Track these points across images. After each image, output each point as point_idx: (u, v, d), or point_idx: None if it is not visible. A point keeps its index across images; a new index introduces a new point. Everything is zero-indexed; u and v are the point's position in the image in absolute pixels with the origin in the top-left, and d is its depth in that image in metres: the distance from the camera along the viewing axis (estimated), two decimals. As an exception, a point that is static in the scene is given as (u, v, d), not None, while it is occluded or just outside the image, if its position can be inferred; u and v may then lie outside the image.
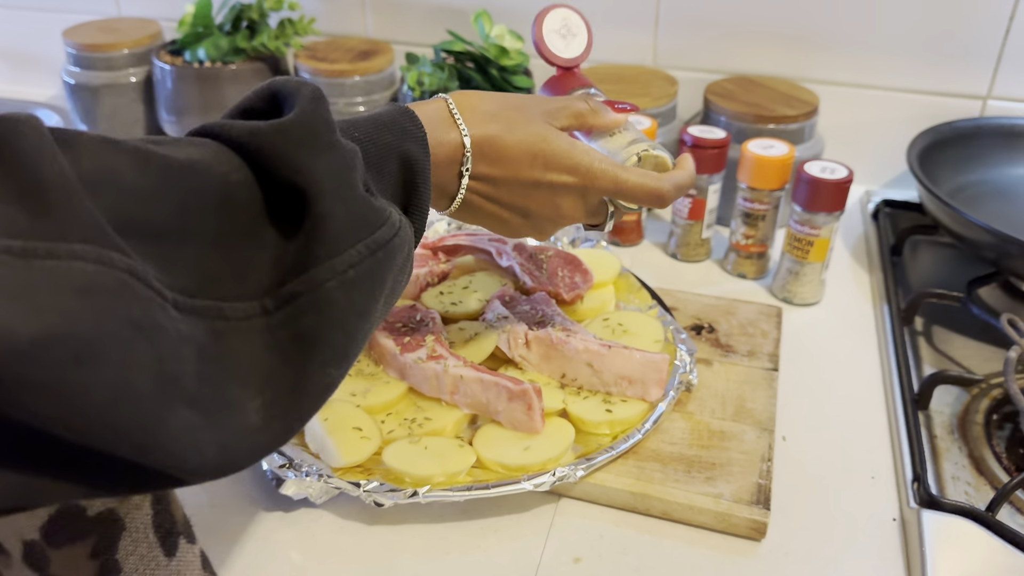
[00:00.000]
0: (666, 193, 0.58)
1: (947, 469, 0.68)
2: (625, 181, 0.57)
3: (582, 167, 0.56)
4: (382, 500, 0.59)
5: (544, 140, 0.55)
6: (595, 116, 0.60)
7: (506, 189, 0.56)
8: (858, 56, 1.01)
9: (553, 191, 0.57)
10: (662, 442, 0.67)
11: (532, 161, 0.55)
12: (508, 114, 0.55)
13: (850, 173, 0.81)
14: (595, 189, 0.57)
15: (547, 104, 0.58)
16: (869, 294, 0.89)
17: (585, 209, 0.59)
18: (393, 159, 0.48)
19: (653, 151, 0.60)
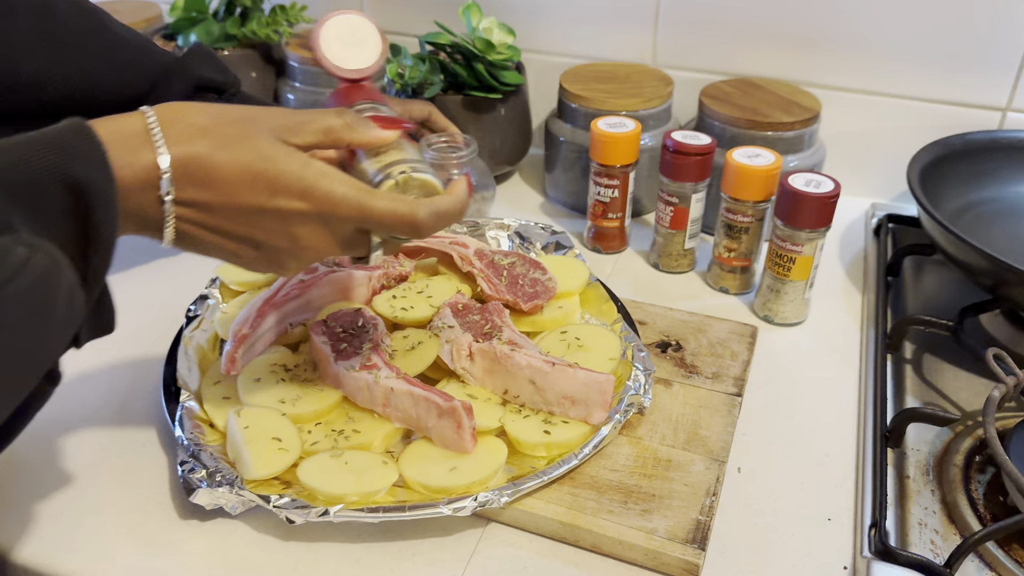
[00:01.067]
0: (421, 222, 0.51)
1: (915, 514, 0.63)
2: (371, 207, 0.50)
3: (316, 191, 0.48)
4: (293, 517, 0.57)
5: (267, 159, 0.48)
6: (351, 132, 0.53)
7: (225, 217, 0.48)
8: (867, 60, 0.95)
9: (284, 219, 0.49)
10: (603, 468, 0.63)
11: (252, 184, 0.47)
12: (224, 128, 0.47)
13: (836, 187, 0.75)
14: (335, 216, 0.50)
15: (284, 118, 0.51)
16: (858, 316, 0.83)
17: (333, 240, 0.52)
18: (55, 185, 0.41)
19: (414, 173, 0.53)
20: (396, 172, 0.53)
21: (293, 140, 0.50)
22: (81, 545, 0.59)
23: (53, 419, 0.69)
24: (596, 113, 0.93)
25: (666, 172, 0.84)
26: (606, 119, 0.87)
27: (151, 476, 0.64)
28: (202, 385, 0.68)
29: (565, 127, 0.96)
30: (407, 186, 0.53)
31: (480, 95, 0.95)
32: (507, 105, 0.98)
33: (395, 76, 0.94)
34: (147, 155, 0.45)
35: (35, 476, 0.64)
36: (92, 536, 0.59)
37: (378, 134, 0.54)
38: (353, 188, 0.50)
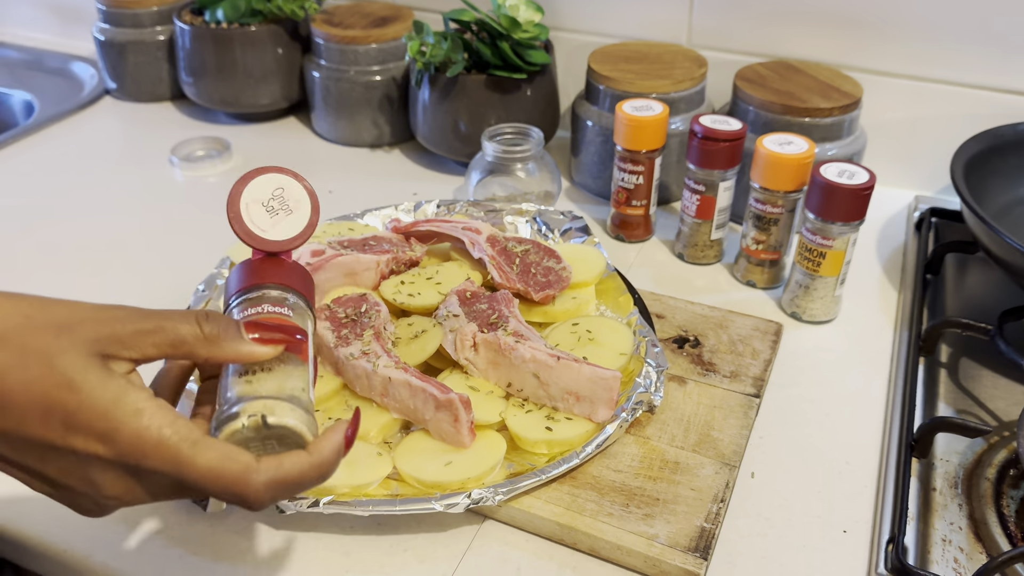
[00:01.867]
0: (251, 494, 0.40)
1: (939, 529, 0.59)
2: (190, 465, 0.39)
3: (122, 435, 0.39)
4: (282, 506, 0.55)
5: (69, 387, 0.38)
6: (209, 347, 0.42)
7: (9, 446, 0.40)
8: (914, 43, 0.89)
9: (80, 462, 0.40)
10: (606, 468, 0.60)
11: (45, 416, 0.38)
12: (28, 340, 0.39)
13: (871, 178, 0.71)
14: (145, 469, 0.39)
15: (118, 325, 0.40)
16: (893, 316, 0.79)
17: (146, 491, 0.41)
18: None
19: (270, 417, 0.41)
20: (245, 414, 0.41)
21: (123, 354, 0.40)
22: (70, 524, 0.58)
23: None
24: (624, 95, 0.89)
25: (693, 159, 0.81)
26: (632, 102, 0.84)
27: (148, 458, 0.63)
28: (203, 367, 0.67)
29: (592, 109, 0.93)
30: (259, 432, 0.42)
31: (504, 75, 0.92)
32: (533, 86, 0.95)
33: (416, 54, 0.92)
34: None
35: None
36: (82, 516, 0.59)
37: (248, 350, 0.43)
38: (174, 435, 0.39)
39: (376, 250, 0.73)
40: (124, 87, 1.19)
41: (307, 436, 0.43)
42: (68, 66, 1.31)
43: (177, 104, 1.20)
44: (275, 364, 0.44)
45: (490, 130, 0.88)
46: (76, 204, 0.96)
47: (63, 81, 1.28)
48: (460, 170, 1.02)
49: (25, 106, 1.24)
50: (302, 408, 0.43)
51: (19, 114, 1.26)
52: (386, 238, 0.76)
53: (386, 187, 0.99)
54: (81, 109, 1.18)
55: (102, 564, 0.56)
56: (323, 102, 1.06)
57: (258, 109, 1.11)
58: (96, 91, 1.21)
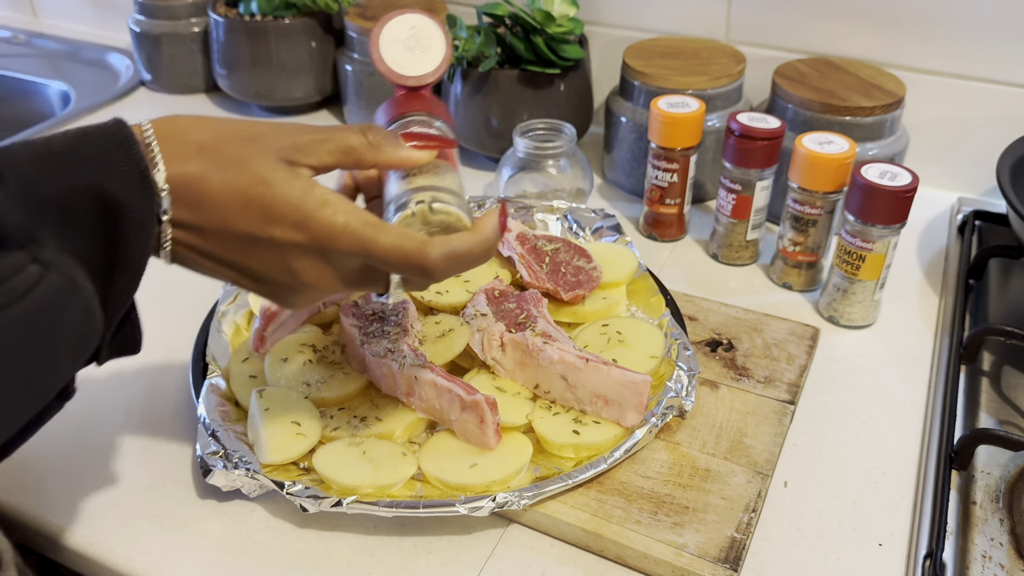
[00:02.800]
0: (431, 264, 0.44)
1: (979, 544, 0.57)
2: (374, 242, 0.44)
3: (314, 221, 0.43)
4: (306, 505, 0.55)
5: (264, 184, 0.43)
6: (375, 152, 0.47)
7: (218, 243, 0.44)
8: (959, 41, 0.87)
9: (280, 251, 0.44)
10: (634, 474, 0.59)
11: (246, 210, 0.43)
12: (223, 147, 0.43)
13: (914, 180, 0.69)
14: (335, 251, 0.44)
15: (294, 136, 0.45)
16: (933, 322, 0.77)
17: (336, 277, 0.46)
18: (85, 203, 0.39)
19: (435, 203, 0.46)
20: (413, 201, 0.47)
21: (304, 160, 0.45)
22: (96, 517, 0.58)
23: (80, 387, 0.69)
24: (659, 91, 0.87)
25: (730, 157, 0.79)
26: (667, 98, 0.82)
27: (174, 452, 0.63)
28: (231, 362, 0.67)
29: (626, 105, 0.91)
30: (426, 218, 0.47)
31: (538, 70, 0.91)
32: (566, 81, 0.94)
33: (450, 48, 0.91)
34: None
35: (57, 446, 0.64)
36: (108, 509, 0.59)
37: (408, 155, 0.48)
38: (357, 220, 0.44)
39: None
40: (159, 79, 1.19)
41: (467, 222, 0.48)
42: (104, 57, 1.32)
43: (211, 96, 1.20)
44: (430, 169, 0.49)
45: (522, 126, 0.87)
46: (109, 195, 0.97)
47: (99, 72, 1.29)
48: (491, 166, 1.01)
49: (62, 97, 1.26)
50: (459, 198, 0.48)
51: (56, 104, 1.27)
52: (415, 234, 0.76)
53: (417, 182, 0.99)
54: (117, 100, 1.18)
55: (126, 558, 0.56)
56: (356, 96, 1.05)
57: (291, 102, 1.11)
58: (132, 82, 1.22)
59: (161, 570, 0.55)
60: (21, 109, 1.30)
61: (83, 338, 0.41)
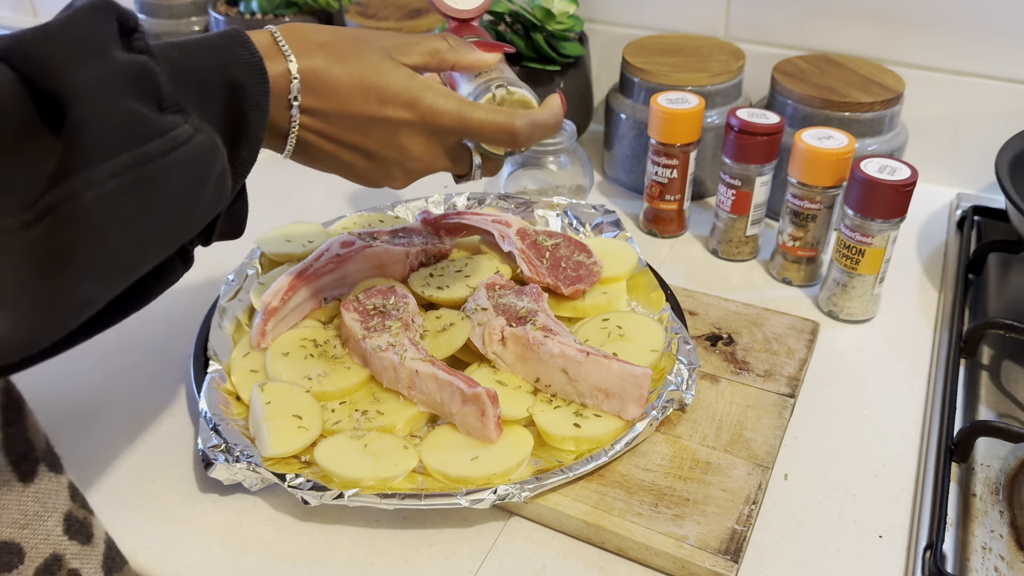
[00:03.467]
0: (519, 130, 0.54)
1: (978, 536, 0.57)
2: (470, 116, 0.53)
3: (421, 101, 0.52)
4: (308, 498, 0.55)
5: (377, 72, 0.51)
6: (455, 53, 0.56)
7: (340, 125, 0.52)
8: (959, 37, 0.87)
9: (392, 129, 0.53)
10: (635, 467, 0.59)
11: (364, 94, 0.51)
12: (340, 44, 0.51)
13: (913, 174, 0.69)
14: (439, 127, 0.53)
15: (393, 39, 0.54)
16: (932, 316, 0.77)
17: (437, 152, 0.55)
18: (217, 84, 0.46)
19: (510, 87, 0.57)
20: (494, 86, 0.57)
21: (401, 59, 0.53)
22: (98, 511, 0.57)
23: (83, 381, 0.69)
24: (659, 88, 0.88)
25: (729, 153, 0.79)
26: (667, 94, 0.82)
27: (176, 446, 0.63)
28: (232, 356, 0.67)
29: (626, 102, 0.92)
30: (504, 100, 0.57)
31: (538, 67, 0.91)
32: (566, 78, 0.94)
33: (450, 45, 0.91)
34: (280, 65, 0.49)
35: (60, 437, 0.64)
36: (110, 502, 0.59)
37: (479, 56, 0.57)
38: (454, 100, 0.53)
39: (405, 242, 0.73)
40: (159, 78, 1.19)
41: (536, 102, 0.58)
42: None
43: (211, 95, 1.20)
44: (496, 69, 0.59)
45: (522, 122, 0.87)
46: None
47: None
48: (491, 163, 1.01)
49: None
50: (526, 87, 0.58)
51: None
52: (416, 230, 0.76)
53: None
54: (117, 99, 1.18)
55: (129, 551, 0.55)
56: (355, 93, 1.05)
57: (291, 100, 1.11)
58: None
59: (163, 564, 0.55)
60: (22, 108, 1.30)
61: (217, 196, 0.46)
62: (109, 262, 0.40)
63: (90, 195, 0.37)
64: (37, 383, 0.68)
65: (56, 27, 0.39)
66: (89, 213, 0.38)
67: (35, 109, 0.38)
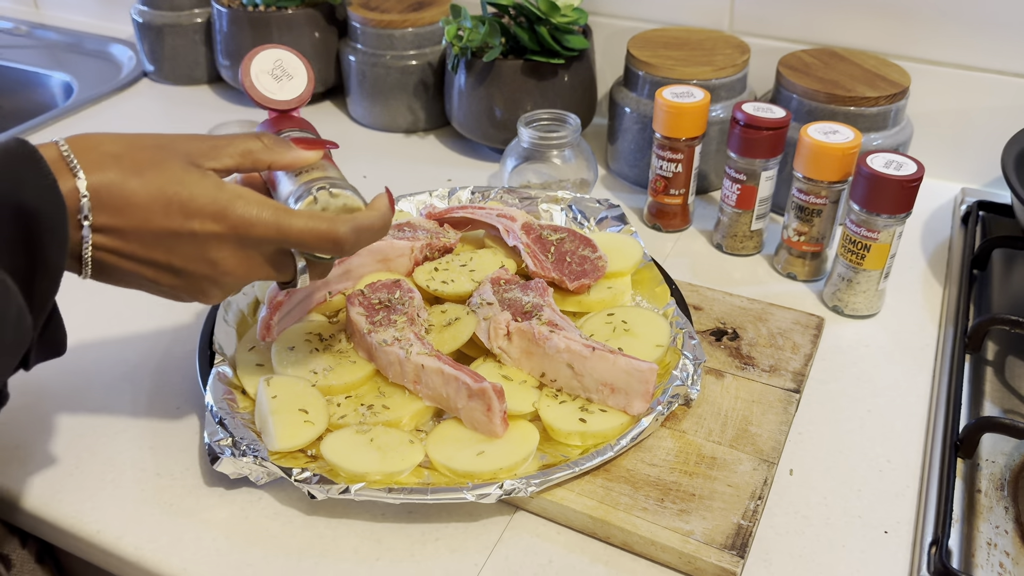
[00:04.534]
0: (342, 237, 0.50)
1: (983, 532, 0.57)
2: (288, 226, 0.49)
3: (231, 212, 0.48)
4: (314, 492, 0.55)
5: (179, 183, 0.47)
6: (270, 153, 0.52)
7: (140, 243, 0.47)
8: (964, 31, 0.87)
9: (200, 243, 0.48)
10: (640, 462, 0.59)
11: (166, 208, 0.47)
12: (137, 154, 0.47)
13: (919, 169, 0.69)
14: (253, 238, 0.49)
15: (198, 143, 0.50)
16: (937, 312, 0.77)
17: (254, 263, 0.51)
18: (4, 213, 0.42)
19: (333, 188, 0.52)
20: (315, 188, 0.52)
21: (209, 164, 0.50)
22: (104, 505, 0.58)
23: (88, 376, 0.69)
24: (663, 81, 0.87)
25: (734, 147, 0.79)
26: (672, 88, 0.82)
27: (181, 440, 0.63)
28: (237, 351, 0.67)
29: (630, 96, 0.91)
30: (327, 203, 0.52)
31: (542, 60, 0.91)
32: (570, 71, 0.94)
33: (453, 39, 0.91)
34: (67, 181, 0.45)
35: (66, 432, 0.64)
36: (116, 497, 0.59)
37: (299, 155, 0.54)
38: (269, 208, 0.49)
39: (410, 236, 0.73)
40: (162, 69, 1.19)
41: (361, 203, 0.54)
42: (107, 48, 1.32)
43: (214, 87, 1.20)
44: (318, 167, 0.54)
45: (526, 116, 0.87)
46: (113, 186, 0.97)
47: (102, 63, 1.29)
48: (495, 156, 1.01)
49: (64, 87, 1.25)
50: (351, 186, 0.54)
51: (58, 96, 1.27)
52: (420, 224, 0.76)
53: (420, 173, 0.99)
54: (119, 91, 1.18)
55: (133, 546, 0.56)
56: (359, 87, 1.05)
57: (293, 93, 1.11)
58: (134, 73, 1.22)
59: (168, 558, 0.55)
60: (23, 100, 1.30)
61: (19, 337, 0.44)
62: None
63: None
64: (45, 379, 0.68)
65: None
66: None
67: None
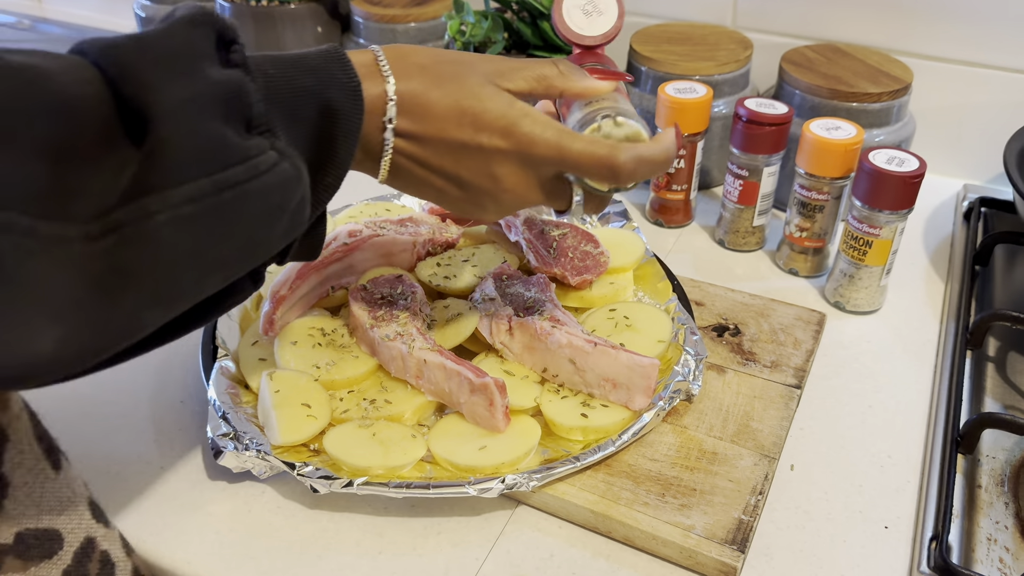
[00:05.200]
0: (620, 165, 0.49)
1: (984, 528, 0.57)
2: (568, 148, 0.49)
3: (517, 130, 0.49)
4: (317, 486, 0.55)
5: (475, 97, 0.49)
6: (564, 80, 0.53)
7: (434, 151, 0.49)
8: (968, 27, 0.87)
9: (486, 157, 0.50)
10: (642, 457, 0.59)
11: (460, 119, 0.49)
12: (441, 67, 0.49)
13: (921, 166, 0.69)
14: (534, 157, 0.49)
15: (499, 63, 0.52)
16: (939, 308, 0.77)
17: (532, 184, 0.51)
18: (310, 105, 0.44)
19: (619, 117, 0.52)
20: (600, 116, 0.52)
21: (505, 84, 0.51)
22: (107, 498, 0.58)
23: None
24: (666, 77, 0.87)
25: (737, 143, 0.79)
26: (675, 84, 0.82)
27: (185, 434, 0.64)
28: (240, 345, 0.67)
29: (633, 91, 0.91)
30: (610, 131, 0.52)
31: (545, 55, 0.91)
32: (573, 67, 0.94)
33: (456, 34, 0.91)
34: (378, 86, 0.48)
35: (69, 425, 0.64)
36: (119, 490, 0.59)
37: (592, 83, 0.53)
38: (553, 129, 0.49)
39: (412, 231, 0.73)
40: (164, 64, 1.19)
41: (646, 135, 0.52)
42: (110, 43, 1.32)
43: (216, 82, 1.20)
44: (609, 98, 0.54)
45: (529, 111, 0.87)
46: (116, 180, 0.97)
47: (105, 58, 1.29)
48: (497, 152, 1.01)
49: (67, 82, 1.25)
50: (639, 118, 0.53)
51: (62, 90, 1.27)
52: (423, 219, 0.76)
53: (423, 168, 0.99)
54: (122, 86, 1.18)
55: (137, 539, 0.56)
56: (361, 81, 1.05)
57: (296, 88, 1.11)
58: (137, 68, 1.22)
59: (172, 551, 0.55)
60: (26, 94, 1.30)
61: (294, 224, 0.45)
62: (172, 288, 0.39)
63: (162, 217, 0.36)
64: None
65: (152, 38, 0.38)
66: (159, 236, 0.36)
67: (119, 119, 0.37)
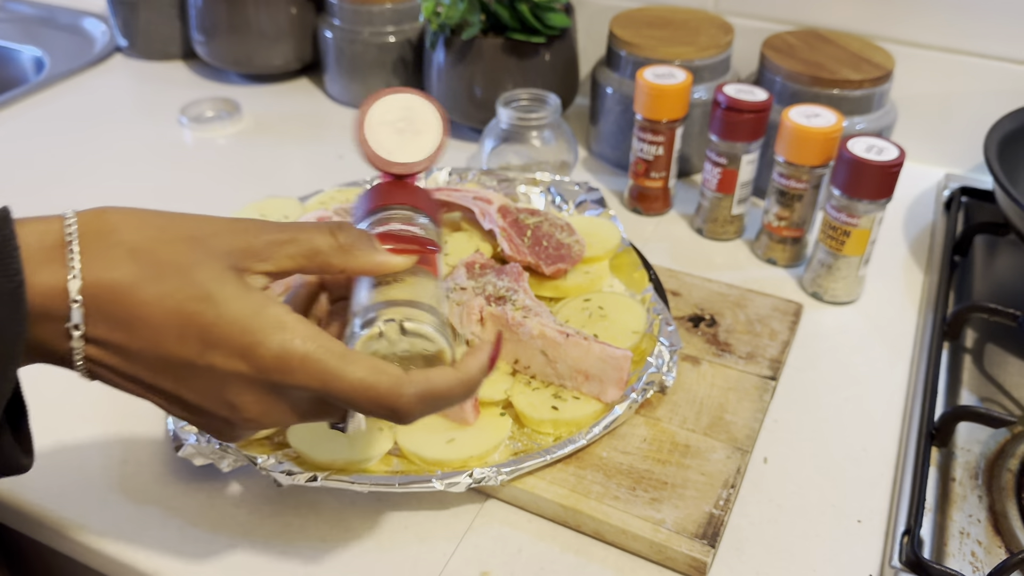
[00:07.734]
0: (402, 406, 0.38)
1: (957, 521, 0.57)
2: (338, 378, 0.37)
3: (264, 350, 0.37)
4: (280, 479, 0.54)
5: (206, 299, 0.36)
6: (344, 257, 0.41)
7: (145, 366, 0.37)
8: (950, 13, 0.85)
9: (219, 381, 0.38)
10: (613, 450, 0.58)
11: (182, 331, 0.36)
12: (160, 250, 0.37)
13: (900, 155, 0.68)
14: (287, 386, 0.38)
15: (251, 236, 0.39)
16: (917, 299, 0.76)
17: (285, 410, 0.40)
18: None
19: (408, 322, 0.40)
20: (382, 319, 0.40)
21: (258, 267, 0.39)
22: (69, 493, 0.57)
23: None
24: (646, 61, 0.86)
25: (716, 130, 0.78)
26: (654, 68, 0.81)
27: (148, 427, 0.62)
28: (205, 334, 0.65)
29: (612, 76, 0.90)
30: (394, 343, 0.40)
31: (522, 38, 0.89)
32: (552, 50, 0.92)
33: (431, 15, 0.89)
34: (56, 277, 0.36)
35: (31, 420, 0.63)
36: (81, 484, 0.58)
37: (382, 260, 0.42)
38: (319, 348, 0.37)
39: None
40: (135, 45, 1.16)
41: (442, 344, 0.41)
42: (79, 22, 1.29)
43: (188, 63, 1.18)
44: (407, 277, 0.43)
45: (506, 96, 0.86)
46: (84, 163, 0.95)
47: (74, 38, 1.26)
48: (474, 136, 0.99)
49: (35, 63, 1.23)
50: (438, 319, 0.42)
51: (29, 71, 1.24)
52: (395, 206, 0.74)
53: (399, 153, 0.97)
54: (92, 66, 1.16)
55: (99, 532, 0.55)
56: (336, 63, 1.03)
57: (270, 70, 1.09)
58: (107, 48, 1.19)
59: (134, 546, 0.54)
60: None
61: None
62: None
63: None
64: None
65: None
66: None
67: None
